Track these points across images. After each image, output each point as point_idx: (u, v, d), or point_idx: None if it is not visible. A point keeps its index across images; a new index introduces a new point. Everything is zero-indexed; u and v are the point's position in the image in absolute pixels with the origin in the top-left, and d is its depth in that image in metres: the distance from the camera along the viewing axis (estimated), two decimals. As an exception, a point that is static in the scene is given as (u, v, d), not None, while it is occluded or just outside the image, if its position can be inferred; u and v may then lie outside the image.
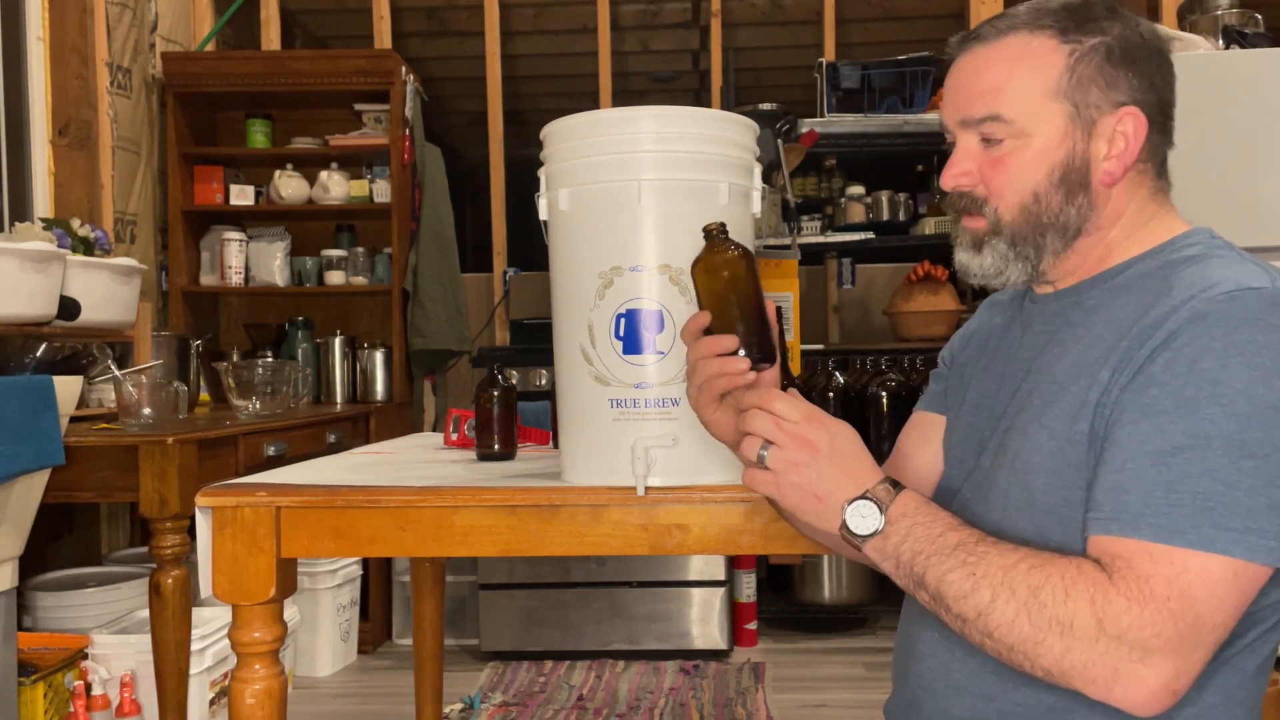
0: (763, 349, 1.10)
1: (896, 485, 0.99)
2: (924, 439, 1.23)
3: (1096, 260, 1.05)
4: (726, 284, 1.11)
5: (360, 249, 3.85)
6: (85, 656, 2.47)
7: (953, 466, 1.15)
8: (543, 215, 1.31)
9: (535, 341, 3.59)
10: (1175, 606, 0.85)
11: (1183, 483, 0.87)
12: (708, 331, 1.10)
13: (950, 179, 1.09)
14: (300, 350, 3.78)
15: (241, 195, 3.79)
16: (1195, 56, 2.74)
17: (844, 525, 0.98)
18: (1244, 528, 0.86)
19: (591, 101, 4.41)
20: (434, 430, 3.81)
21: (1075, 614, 0.86)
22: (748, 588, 3.50)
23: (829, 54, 4.25)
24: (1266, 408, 0.87)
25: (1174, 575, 0.86)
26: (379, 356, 3.79)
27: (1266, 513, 0.86)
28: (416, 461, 1.61)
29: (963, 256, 1.08)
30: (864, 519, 0.97)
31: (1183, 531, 0.86)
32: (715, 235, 1.14)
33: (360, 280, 3.82)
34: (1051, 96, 1.01)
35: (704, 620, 3.35)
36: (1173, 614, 0.85)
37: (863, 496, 0.97)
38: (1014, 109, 1.02)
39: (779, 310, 1.19)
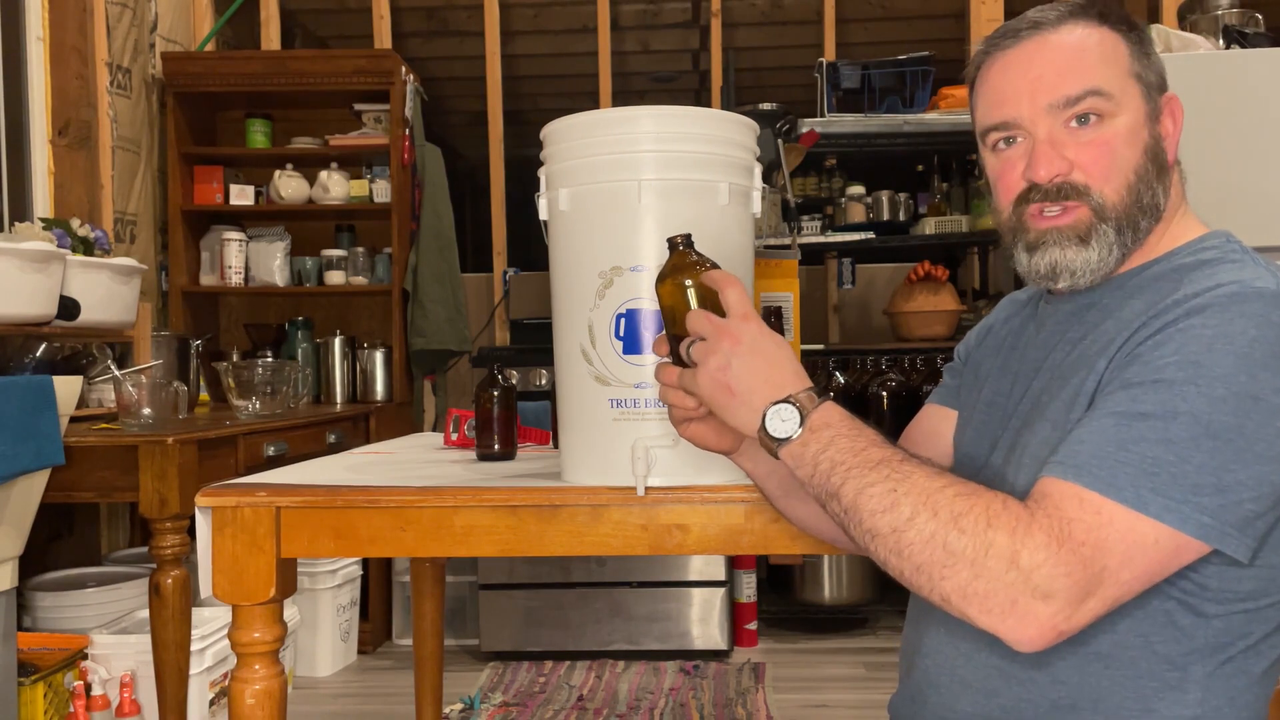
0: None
1: (821, 395, 0.97)
2: (935, 433, 1.24)
3: (1143, 252, 1.05)
4: (678, 305, 1.05)
5: (360, 249, 3.85)
6: (85, 656, 2.47)
7: (962, 462, 1.16)
8: (543, 215, 1.31)
9: (535, 341, 3.59)
10: (1088, 554, 0.85)
11: (1137, 444, 0.88)
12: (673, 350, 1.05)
13: (1048, 168, 1.00)
14: (300, 350, 3.78)
15: (241, 195, 3.79)
16: (1195, 56, 2.74)
17: (762, 427, 0.96)
18: (1183, 499, 0.86)
19: (591, 101, 4.41)
20: (434, 430, 3.81)
21: (992, 543, 0.86)
22: (748, 588, 3.50)
23: (829, 54, 4.25)
24: (1243, 395, 0.87)
25: (1096, 525, 0.86)
26: (379, 356, 3.78)
27: (1211, 492, 0.86)
28: (416, 461, 1.61)
29: (1068, 256, 1.02)
30: (783, 423, 0.95)
31: (1120, 487, 0.87)
32: (678, 247, 1.08)
33: (360, 280, 3.82)
34: (1129, 75, 1.01)
35: (704, 620, 3.35)
36: (1083, 560, 0.85)
37: (785, 400, 0.95)
38: (1109, 83, 1.00)
39: (778, 310, 1.17)
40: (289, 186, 3.78)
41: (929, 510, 0.88)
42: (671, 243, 1.08)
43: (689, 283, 1.04)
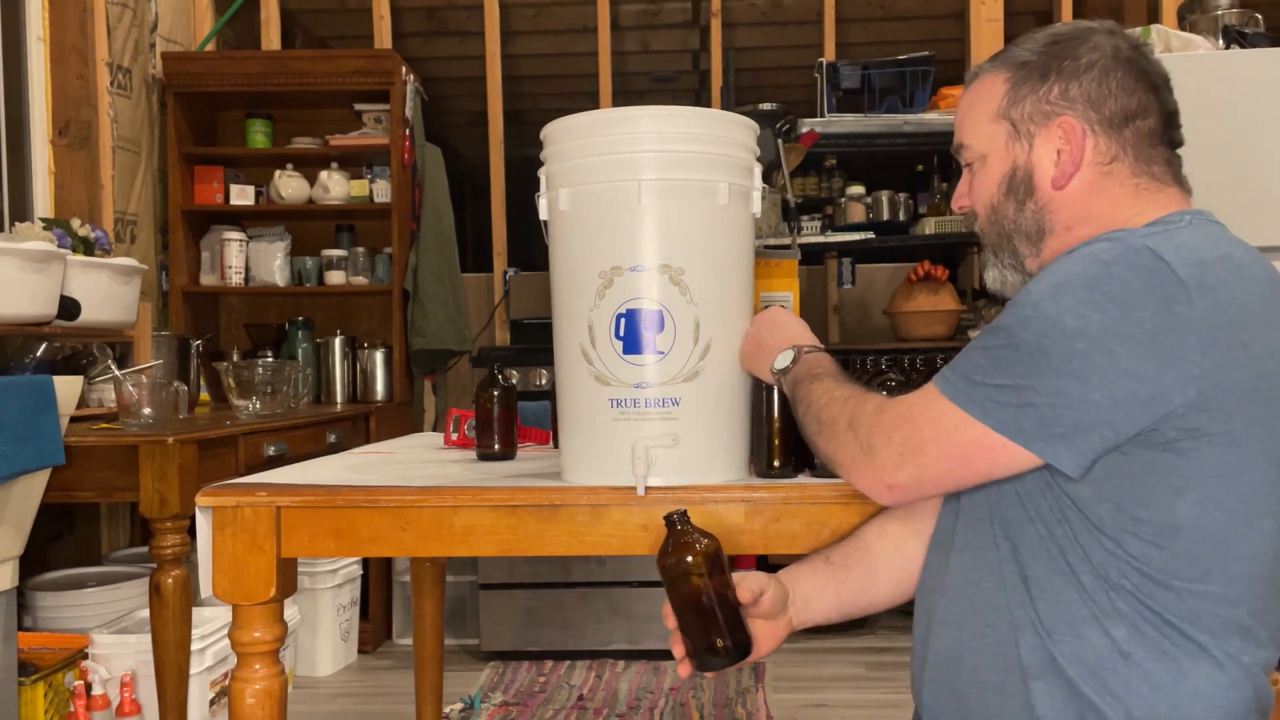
0: (711, 651, 1.10)
1: (822, 351, 1.26)
2: None
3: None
4: (676, 586, 1.11)
5: (360, 249, 3.85)
6: (85, 656, 2.47)
7: None
8: (543, 215, 1.31)
9: (535, 341, 3.59)
10: (898, 423, 1.08)
11: (971, 353, 1.06)
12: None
13: (955, 201, 1.26)
14: (300, 350, 3.78)
15: (241, 195, 3.79)
16: (1195, 56, 2.74)
17: (772, 365, 1.27)
18: (986, 396, 1.02)
19: (591, 101, 4.41)
20: (434, 430, 3.81)
21: (841, 415, 1.13)
22: (748, 588, 3.49)
23: (829, 54, 4.25)
24: (1046, 317, 0.99)
25: (914, 404, 1.08)
26: (379, 356, 3.78)
27: (1010, 393, 1.01)
28: (416, 461, 1.61)
29: (984, 277, 1.25)
30: (782, 360, 1.26)
31: (946, 380, 1.06)
32: (675, 526, 1.12)
33: (360, 280, 3.82)
34: (994, 118, 1.17)
35: (704, 620, 3.34)
36: (893, 427, 1.08)
37: (790, 348, 1.26)
38: (971, 135, 1.20)
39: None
40: (289, 186, 3.78)
41: (823, 401, 1.17)
42: (668, 520, 1.14)
43: (675, 576, 1.11)
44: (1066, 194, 1.12)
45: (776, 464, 1.31)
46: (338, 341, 3.78)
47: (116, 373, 2.59)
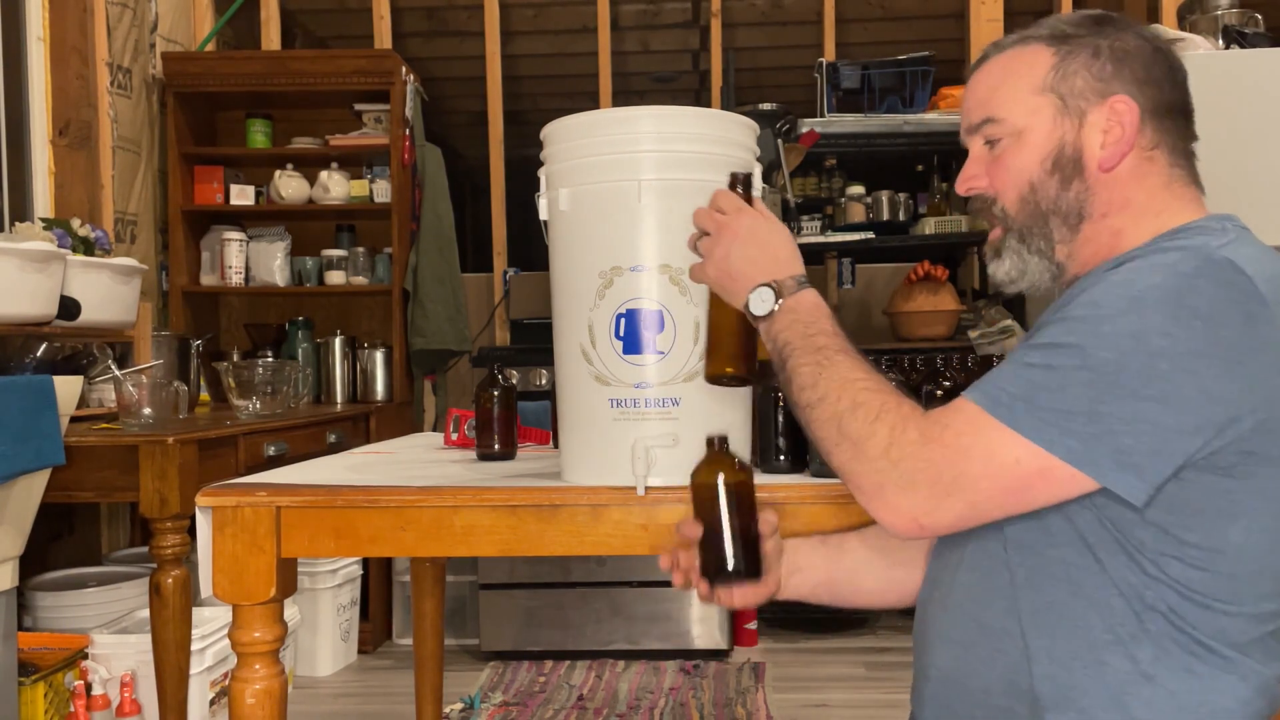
0: (722, 572, 1.10)
1: (804, 285, 1.11)
2: None
3: (1109, 248, 1.08)
4: (705, 502, 1.11)
5: (360, 249, 3.85)
6: (85, 656, 2.47)
7: None
8: (543, 215, 1.31)
9: (535, 341, 3.59)
10: (950, 455, 0.95)
11: (1026, 371, 0.95)
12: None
13: (962, 184, 1.15)
14: (300, 350, 3.78)
15: (242, 195, 3.79)
16: (1195, 56, 2.74)
17: (746, 304, 1.12)
18: (1053, 422, 0.92)
19: (591, 101, 4.41)
20: (434, 430, 3.81)
21: (873, 435, 0.98)
22: (748, 588, 3.49)
23: (829, 54, 4.25)
24: (1126, 334, 0.91)
25: (966, 432, 0.95)
26: (379, 356, 3.79)
27: (1082, 419, 0.91)
28: (416, 461, 1.61)
29: (991, 268, 1.14)
30: (762, 302, 1.11)
31: (999, 403, 0.94)
32: (714, 447, 1.13)
33: (360, 280, 3.82)
34: (1038, 91, 1.08)
35: (704, 620, 3.35)
36: (946, 460, 0.95)
37: (767, 284, 1.11)
38: (1005, 108, 1.10)
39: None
40: (289, 186, 3.78)
41: (836, 394, 1.02)
42: (709, 441, 1.13)
43: (722, 476, 1.11)
44: (1112, 177, 1.07)
45: (780, 460, 1.32)
46: (338, 341, 3.78)
47: (116, 373, 2.59)
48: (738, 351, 1.15)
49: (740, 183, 1.18)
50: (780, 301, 1.10)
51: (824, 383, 1.03)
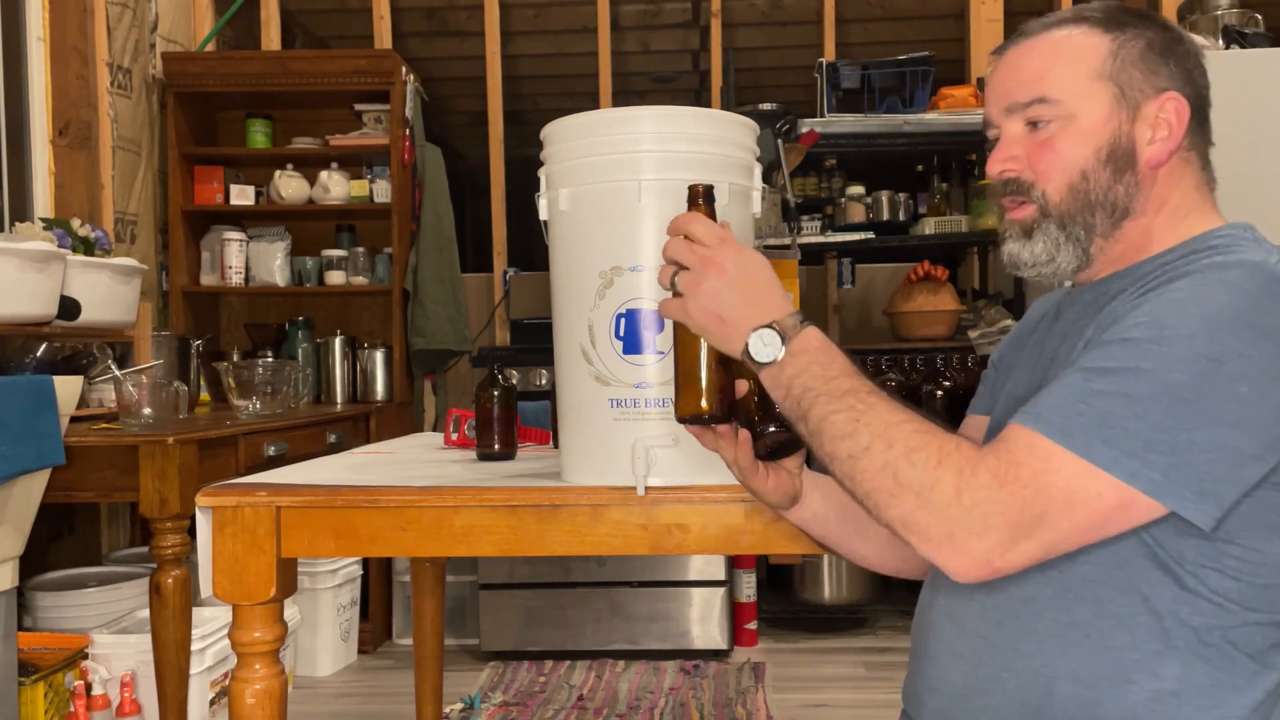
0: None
1: (804, 322, 1.01)
2: (974, 442, 1.24)
3: (1139, 248, 1.07)
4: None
5: (360, 249, 3.85)
6: (85, 656, 2.47)
7: None
8: (543, 215, 1.31)
9: (535, 341, 3.59)
10: (1029, 496, 0.89)
11: (1097, 398, 0.90)
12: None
13: (997, 164, 1.08)
14: (300, 350, 3.78)
15: (241, 195, 3.79)
16: (1195, 56, 2.73)
17: (746, 349, 1.00)
18: (1133, 453, 0.88)
19: (591, 101, 4.41)
20: (434, 430, 3.81)
21: (939, 481, 0.90)
22: (748, 587, 3.50)
23: (829, 54, 4.25)
24: (1202, 357, 0.88)
25: (1043, 470, 0.89)
26: (379, 356, 3.79)
27: (1163, 449, 0.88)
28: (416, 461, 1.61)
29: (1013, 247, 1.08)
30: (765, 346, 0.99)
31: (1073, 436, 0.89)
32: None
33: (360, 280, 3.82)
34: (1096, 77, 1.04)
35: (704, 620, 3.35)
36: (1024, 502, 0.89)
37: (768, 325, 0.99)
38: (1060, 90, 1.05)
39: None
40: (289, 186, 3.78)
41: (885, 441, 0.93)
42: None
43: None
44: (1159, 174, 1.05)
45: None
46: (338, 341, 3.78)
47: (116, 373, 2.59)
48: (712, 387, 1.05)
49: (703, 196, 1.08)
50: (788, 344, 1.00)
51: (865, 430, 0.93)
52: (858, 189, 3.87)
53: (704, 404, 1.05)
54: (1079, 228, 1.05)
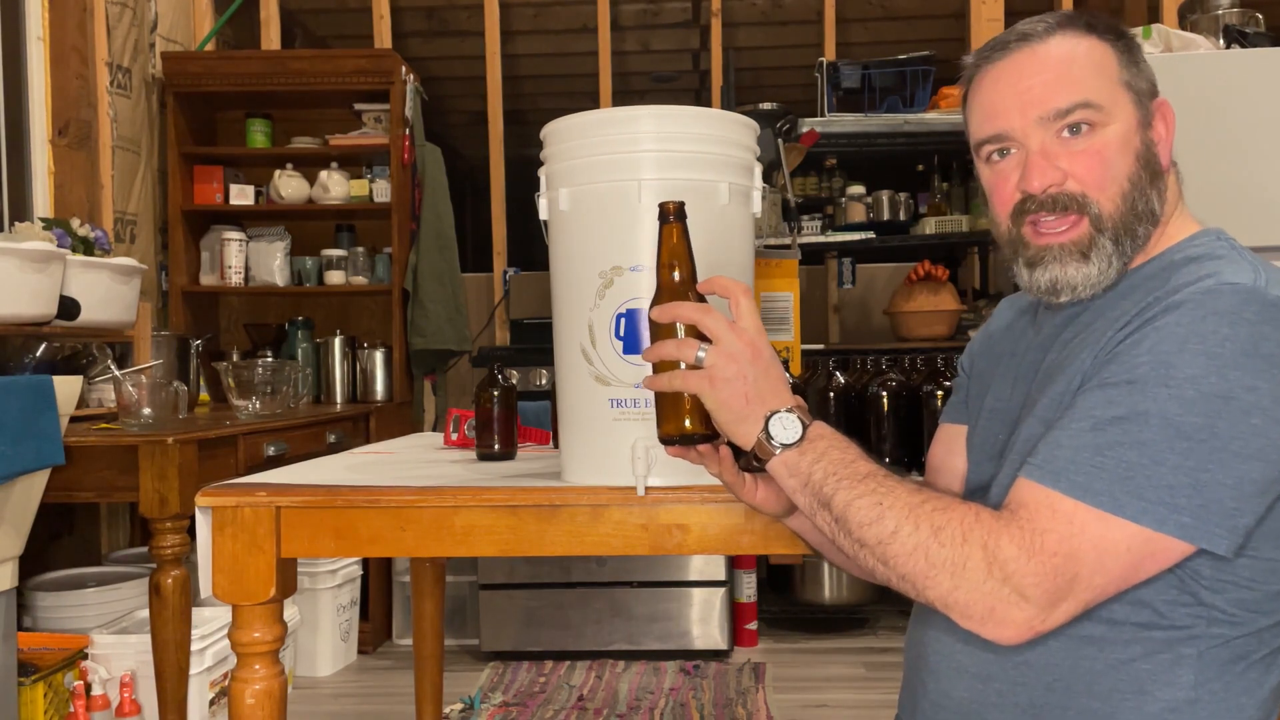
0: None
1: (806, 409, 1.01)
2: (951, 451, 1.23)
3: (1139, 254, 1.05)
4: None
5: (360, 249, 3.85)
6: (85, 656, 2.47)
7: (973, 471, 1.17)
8: (543, 215, 1.31)
9: (535, 341, 3.59)
10: (1059, 563, 0.89)
11: (1113, 449, 0.90)
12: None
13: (1044, 177, 1.01)
14: (300, 350, 3.78)
15: (241, 195, 3.79)
16: (1195, 56, 2.74)
17: (765, 430, 0.98)
18: (1159, 500, 0.88)
19: (591, 101, 4.41)
20: (434, 430, 3.81)
21: (969, 558, 0.90)
22: (748, 588, 3.49)
23: (829, 54, 4.25)
24: (1213, 395, 0.88)
25: (1069, 534, 0.89)
26: (379, 356, 3.79)
27: (1187, 490, 0.88)
28: (416, 461, 1.61)
29: (1069, 272, 1.02)
30: (785, 429, 0.98)
31: (1096, 492, 0.89)
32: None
33: (360, 280, 3.82)
34: (1118, 83, 1.02)
35: (704, 620, 3.35)
36: (1055, 569, 0.89)
37: (788, 410, 0.98)
38: (1099, 94, 1.01)
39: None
40: (289, 186, 3.78)
41: (911, 523, 0.92)
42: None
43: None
44: (1167, 180, 1.05)
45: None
46: (338, 341, 3.78)
47: (116, 373, 2.59)
48: (695, 407, 1.02)
49: (675, 214, 1.05)
50: (808, 429, 0.98)
51: (891, 515, 0.93)
52: (858, 189, 3.87)
53: (687, 424, 1.04)
54: (1128, 240, 1.01)
